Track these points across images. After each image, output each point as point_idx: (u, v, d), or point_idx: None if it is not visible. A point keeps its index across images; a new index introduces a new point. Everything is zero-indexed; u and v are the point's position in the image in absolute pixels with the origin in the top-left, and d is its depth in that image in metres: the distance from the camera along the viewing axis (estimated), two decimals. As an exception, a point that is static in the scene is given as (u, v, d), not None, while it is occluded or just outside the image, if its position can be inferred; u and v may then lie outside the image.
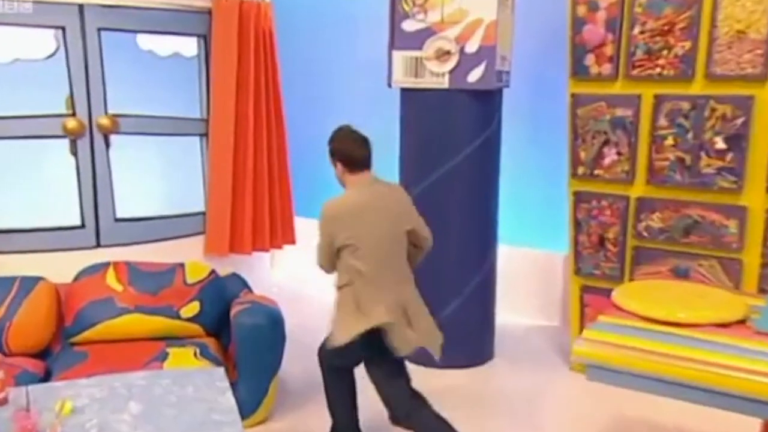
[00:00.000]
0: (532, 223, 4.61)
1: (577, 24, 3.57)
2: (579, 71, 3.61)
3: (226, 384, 2.47)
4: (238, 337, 3.12)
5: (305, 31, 5.24)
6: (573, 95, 3.64)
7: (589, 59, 3.57)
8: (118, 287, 3.26)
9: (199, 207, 4.36)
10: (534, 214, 4.60)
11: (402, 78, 3.80)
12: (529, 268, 4.63)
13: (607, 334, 2.39)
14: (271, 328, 3.15)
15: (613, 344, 2.33)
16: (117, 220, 4.00)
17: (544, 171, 4.52)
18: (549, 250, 4.56)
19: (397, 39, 3.79)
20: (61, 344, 3.26)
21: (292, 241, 4.71)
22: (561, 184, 4.01)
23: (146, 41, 4.28)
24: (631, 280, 3.54)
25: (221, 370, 2.61)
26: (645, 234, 3.54)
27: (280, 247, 4.62)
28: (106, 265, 3.37)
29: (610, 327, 2.44)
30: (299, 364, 3.57)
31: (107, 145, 3.92)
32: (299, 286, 5.15)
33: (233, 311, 3.24)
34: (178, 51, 4.39)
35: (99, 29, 3.84)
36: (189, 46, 4.39)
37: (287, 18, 4.86)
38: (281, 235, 4.60)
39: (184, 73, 4.42)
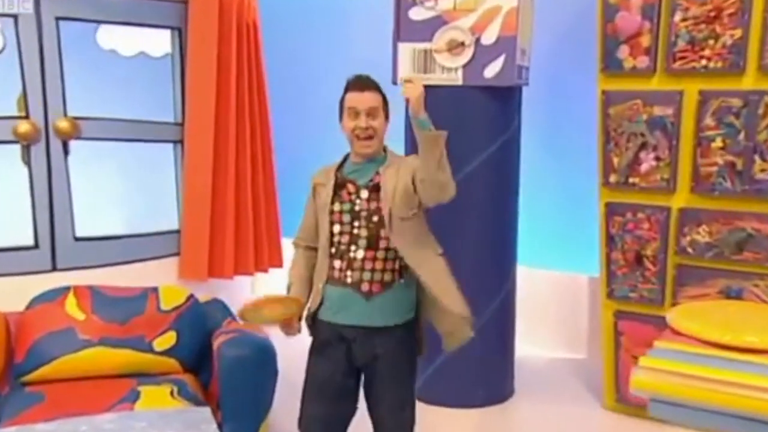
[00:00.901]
0: (552, 241, 4.52)
1: (609, 11, 3.49)
2: (611, 65, 3.52)
3: (214, 426, 2.34)
4: (223, 372, 2.96)
5: (294, 25, 5.18)
6: (604, 92, 3.55)
7: (623, 51, 3.49)
8: (80, 316, 3.12)
9: (173, 224, 4.27)
10: (554, 230, 4.52)
11: (409, 73, 3.69)
12: (549, 293, 4.54)
13: (668, 362, 2.28)
14: (260, 361, 3.00)
15: (678, 373, 2.21)
16: (77, 239, 3.91)
17: (565, 181, 4.46)
18: (572, 272, 4.48)
19: (403, 29, 3.70)
20: (10, 384, 3.09)
21: (279, 264, 4.61)
22: (585, 196, 3.93)
23: (108, 40, 4.24)
24: (674, 304, 3.42)
25: (207, 409, 2.48)
26: (690, 250, 3.43)
27: (265, 271, 4.53)
28: (66, 290, 3.23)
29: (671, 354, 2.33)
30: (293, 403, 3.37)
31: (66, 152, 3.83)
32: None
33: (216, 342, 3.09)
34: (144, 50, 4.36)
35: (57, 18, 3.74)
36: (157, 45, 4.35)
37: (273, 9, 4.80)
38: (267, 256, 4.51)
39: (151, 74, 4.39)
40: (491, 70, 3.57)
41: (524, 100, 3.95)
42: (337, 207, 2.50)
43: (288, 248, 4.60)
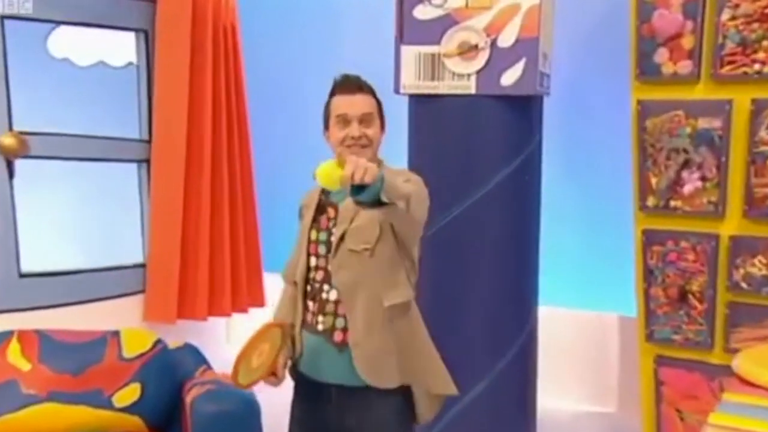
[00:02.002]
0: (577, 275, 4.44)
1: (644, 9, 3.38)
2: (647, 71, 3.42)
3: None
4: (198, 431, 2.88)
5: (277, 27, 5.16)
6: (639, 102, 3.45)
7: (661, 55, 3.38)
8: (25, 366, 3.05)
9: (137, 257, 4.26)
10: (578, 263, 4.44)
11: (414, 81, 3.60)
12: (573, 336, 4.44)
13: (745, 420, 2.09)
14: (242, 417, 2.94)
15: (759, 433, 2.01)
16: (22, 275, 3.89)
17: (591, 206, 4.39)
18: (600, 311, 4.39)
19: (408, 30, 3.59)
20: (-61, 449, 3.00)
21: (261, 303, 4.59)
22: (616, 222, 3.90)
23: (60, 47, 4.31)
24: (728, 348, 3.28)
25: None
26: (744, 285, 3.29)
27: (244, 311, 4.49)
28: (8, 335, 3.18)
29: (745, 409, 2.15)
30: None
31: (11, 173, 3.82)
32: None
33: (189, 396, 3.01)
34: (102, 59, 4.44)
35: (2, 17, 3.71)
36: (117, 54, 4.41)
37: (254, 10, 4.78)
38: (246, 294, 4.49)
39: (112, 85, 4.45)
40: (509, 77, 3.47)
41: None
42: (314, 235, 2.33)
43: (271, 285, 4.56)
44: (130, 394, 3.06)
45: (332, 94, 2.33)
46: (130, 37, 4.24)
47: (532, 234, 3.81)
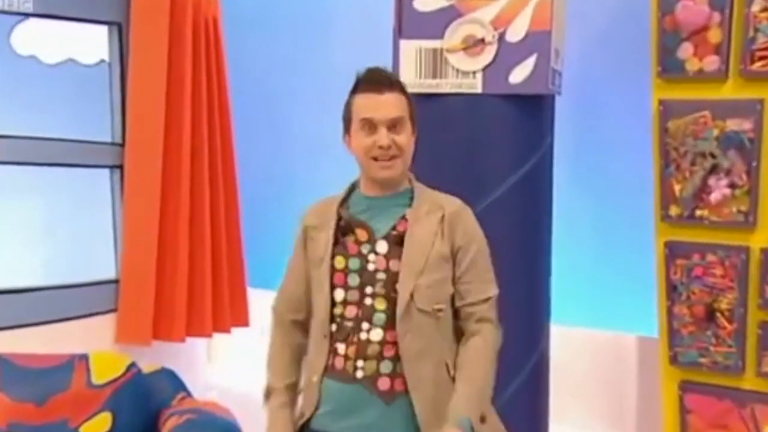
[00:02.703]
0: (590, 292, 4.36)
1: (667, 0, 3.34)
2: (670, 68, 3.37)
3: None
4: None
5: (263, 20, 5.14)
6: (661, 102, 3.41)
7: (685, 50, 3.34)
8: None
9: (110, 272, 4.24)
10: (592, 278, 4.36)
11: (414, 79, 3.56)
12: (587, 357, 4.35)
13: None
14: None
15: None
16: None
17: (606, 215, 4.33)
18: (616, 330, 4.30)
19: (407, 23, 3.58)
20: None
21: (245, 323, 4.54)
22: (634, 233, 3.89)
23: (26, 44, 4.34)
24: (761, 374, 3.22)
25: None
26: None
27: (227, 331, 4.44)
28: None
29: None
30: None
31: None
32: (249, 389, 4.83)
33: (166, 427, 3.05)
34: (72, 57, 4.46)
35: None
36: (88, 50, 4.43)
37: (238, 1, 4.77)
38: (229, 313, 4.43)
39: (82, 84, 4.48)
40: (518, 75, 3.46)
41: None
42: (339, 263, 2.18)
43: (255, 302, 4.56)
44: (99, 424, 3.07)
45: (354, 91, 2.20)
46: (102, 31, 4.22)
47: (543, 246, 3.79)
